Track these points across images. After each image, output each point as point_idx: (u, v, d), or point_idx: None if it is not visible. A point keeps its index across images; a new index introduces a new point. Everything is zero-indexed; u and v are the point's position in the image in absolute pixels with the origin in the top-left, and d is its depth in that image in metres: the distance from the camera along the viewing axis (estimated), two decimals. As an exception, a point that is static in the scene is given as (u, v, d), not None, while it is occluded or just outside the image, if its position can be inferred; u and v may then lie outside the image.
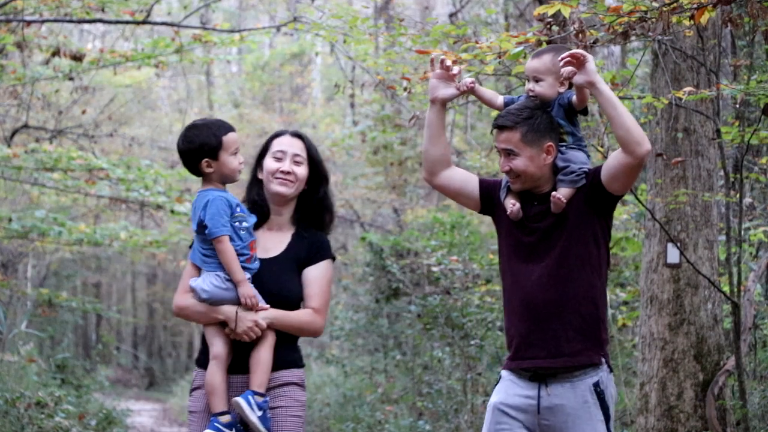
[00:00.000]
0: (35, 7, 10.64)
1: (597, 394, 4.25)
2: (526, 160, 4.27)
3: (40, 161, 12.72)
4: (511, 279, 4.37)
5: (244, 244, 4.34)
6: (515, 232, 4.37)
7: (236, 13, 25.78)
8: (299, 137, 4.58)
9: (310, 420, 13.22)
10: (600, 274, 4.32)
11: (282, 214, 4.55)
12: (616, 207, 4.40)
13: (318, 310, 4.46)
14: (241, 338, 4.31)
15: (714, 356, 7.49)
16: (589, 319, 4.27)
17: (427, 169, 4.49)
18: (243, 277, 4.31)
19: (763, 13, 5.31)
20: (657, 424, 7.48)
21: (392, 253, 14.61)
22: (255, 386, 4.30)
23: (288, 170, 4.46)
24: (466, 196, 4.48)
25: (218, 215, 4.29)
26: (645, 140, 4.11)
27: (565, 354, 4.24)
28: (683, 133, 7.52)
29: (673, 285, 7.53)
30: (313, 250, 4.52)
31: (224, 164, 4.37)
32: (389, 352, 13.75)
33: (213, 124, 4.41)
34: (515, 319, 4.36)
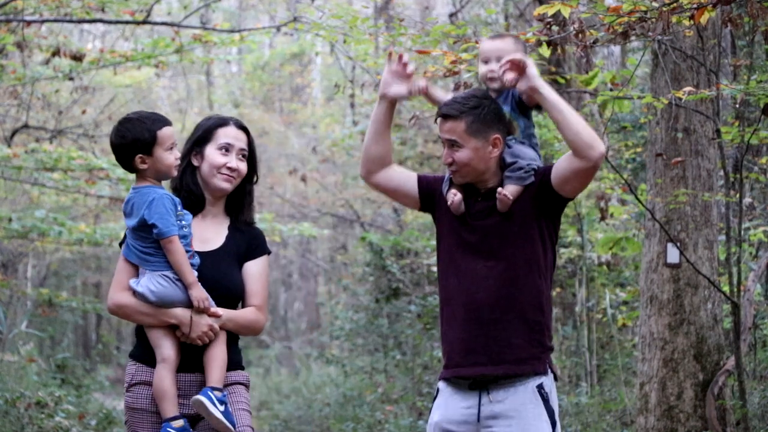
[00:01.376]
0: (35, 7, 10.64)
1: (541, 395, 4.04)
2: (470, 152, 4.04)
3: (40, 161, 12.72)
4: (454, 279, 4.12)
5: (186, 241, 4.15)
6: (458, 230, 4.14)
7: (236, 13, 25.77)
8: (244, 130, 4.39)
9: (310, 420, 13.23)
10: (546, 279, 4.11)
11: (216, 205, 4.36)
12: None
13: (260, 307, 4.30)
14: (195, 342, 4.13)
15: (714, 356, 7.50)
16: (534, 325, 4.05)
17: (365, 167, 4.29)
18: (194, 279, 4.12)
19: (763, 13, 5.31)
20: (657, 424, 7.48)
21: (392, 253, 14.61)
22: (213, 382, 4.12)
23: (235, 167, 4.28)
24: (404, 194, 4.29)
25: (167, 214, 4.09)
26: (597, 143, 3.91)
27: (508, 361, 4.02)
28: (683, 133, 7.52)
29: (673, 285, 7.53)
30: (252, 245, 4.34)
31: (159, 160, 4.15)
32: (389, 352, 13.75)
33: (147, 117, 4.19)
34: (456, 324, 4.10)
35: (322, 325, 21.48)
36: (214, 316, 4.13)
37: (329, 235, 20.79)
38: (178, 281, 4.11)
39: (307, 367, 18.46)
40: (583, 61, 7.82)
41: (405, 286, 14.37)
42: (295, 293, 27.16)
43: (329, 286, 23.03)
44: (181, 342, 4.15)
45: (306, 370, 18.38)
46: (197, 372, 4.17)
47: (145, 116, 4.19)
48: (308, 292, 26.58)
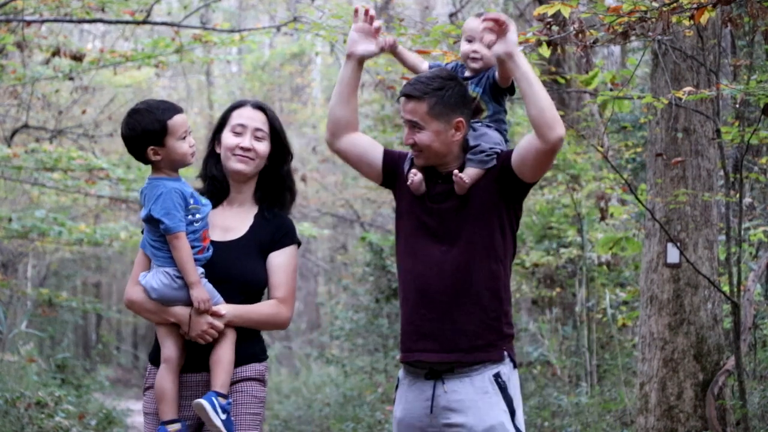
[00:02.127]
0: (35, 7, 10.64)
1: (498, 384, 3.91)
2: (431, 135, 3.91)
3: (40, 161, 12.72)
4: (409, 262, 3.99)
5: (196, 236, 4.00)
6: (416, 211, 4.01)
7: (236, 13, 25.77)
8: (261, 109, 4.20)
9: (310, 420, 13.23)
10: (504, 266, 3.97)
11: (242, 192, 4.19)
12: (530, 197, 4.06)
13: (284, 300, 4.11)
14: (197, 341, 3.99)
15: (714, 356, 7.50)
16: (490, 312, 3.91)
17: (330, 130, 4.11)
18: (197, 278, 3.96)
19: (763, 13, 5.31)
20: (657, 423, 7.48)
21: (392, 252, 14.60)
22: (218, 387, 3.95)
23: (248, 146, 4.11)
24: (367, 164, 4.12)
25: (174, 209, 3.94)
26: (558, 124, 3.77)
27: (461, 349, 3.90)
28: (683, 133, 7.52)
29: (673, 285, 7.53)
30: (278, 234, 4.15)
31: (172, 150, 3.99)
32: (389, 351, 13.75)
33: (157, 107, 4.00)
34: (408, 307, 3.98)
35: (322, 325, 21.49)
36: (216, 315, 3.97)
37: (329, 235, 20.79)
38: (179, 278, 3.98)
39: (307, 367, 18.46)
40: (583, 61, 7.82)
41: (405, 286, 14.34)
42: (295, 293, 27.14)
43: (329, 286, 23.04)
44: (187, 341, 4.02)
45: (306, 370, 18.38)
46: (204, 371, 4.03)
47: (154, 106, 4.01)
48: (308, 292, 26.58)
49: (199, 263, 4.02)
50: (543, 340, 11.27)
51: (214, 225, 4.10)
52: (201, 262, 4.03)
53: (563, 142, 3.82)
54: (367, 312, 14.63)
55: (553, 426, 9.14)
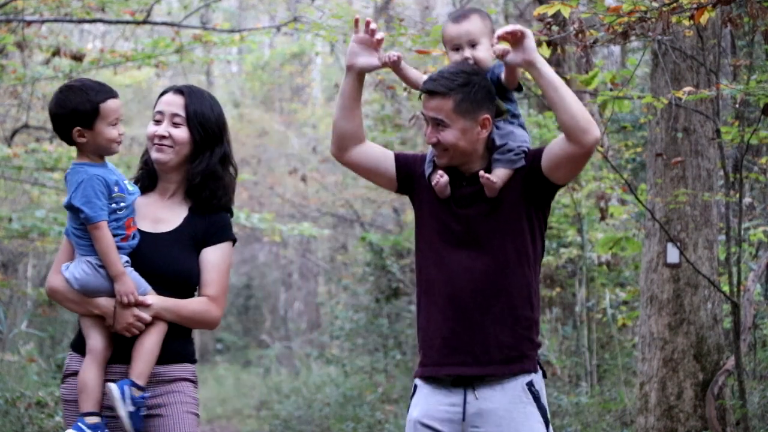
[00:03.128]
0: (35, 7, 10.64)
1: (532, 393, 3.73)
2: (457, 133, 3.70)
3: (40, 161, 12.73)
4: (434, 270, 3.77)
5: (119, 224, 3.78)
6: (440, 216, 3.79)
7: (236, 13, 25.77)
8: (181, 93, 3.90)
9: (310, 420, 13.22)
10: (535, 271, 3.79)
11: (170, 181, 3.96)
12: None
13: (214, 299, 3.87)
14: (122, 333, 3.77)
15: (714, 356, 7.50)
16: (524, 321, 3.73)
17: (336, 144, 3.92)
18: (121, 270, 3.74)
19: (763, 13, 5.32)
20: (657, 423, 7.48)
21: (392, 252, 14.62)
22: (134, 375, 3.73)
23: (163, 134, 3.85)
24: (380, 174, 3.92)
25: (95, 197, 3.72)
26: (593, 128, 3.59)
27: (496, 361, 3.70)
28: (683, 133, 7.53)
29: (673, 285, 7.53)
30: (212, 229, 3.92)
31: (100, 135, 3.76)
32: (389, 351, 13.76)
33: (91, 87, 3.77)
34: (437, 317, 3.75)
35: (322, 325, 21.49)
36: (142, 305, 3.76)
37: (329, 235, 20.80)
38: (102, 268, 3.77)
39: (307, 367, 18.46)
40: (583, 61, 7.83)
41: (405, 286, 14.37)
42: (295, 293, 27.17)
43: (329, 286, 23.03)
44: (116, 334, 3.81)
45: (306, 370, 18.38)
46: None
47: (89, 86, 3.79)
48: (308, 292, 26.58)
49: (124, 251, 3.81)
50: (543, 340, 11.27)
51: (144, 215, 3.90)
52: (126, 251, 3.82)
53: (598, 143, 3.66)
54: (367, 312, 14.64)
55: (553, 426, 9.14)
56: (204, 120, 3.89)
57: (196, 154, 3.91)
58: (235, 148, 4.29)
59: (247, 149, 22.14)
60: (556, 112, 3.60)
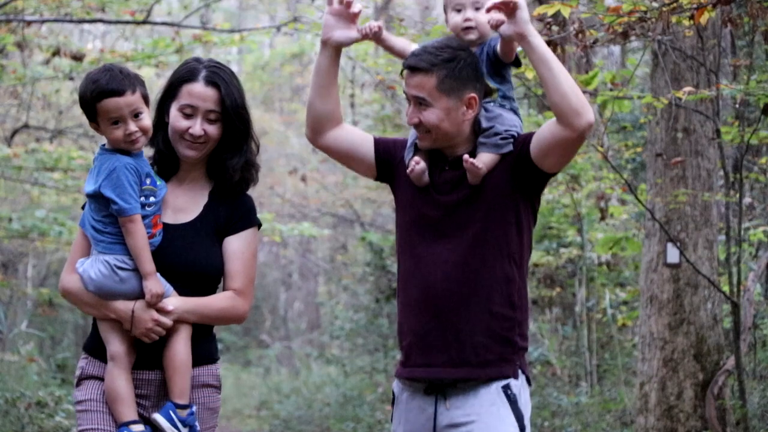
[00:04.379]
0: (35, 7, 10.64)
1: (507, 396, 3.43)
2: (440, 113, 3.41)
3: (40, 161, 12.73)
4: (410, 262, 3.49)
5: (146, 221, 3.51)
6: (418, 203, 3.51)
7: (236, 13, 25.78)
8: (215, 85, 3.56)
9: (310, 420, 13.22)
10: (520, 267, 3.48)
11: (195, 169, 3.66)
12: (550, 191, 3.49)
13: (241, 292, 3.58)
14: (141, 339, 3.50)
15: (714, 356, 7.50)
16: (502, 320, 3.42)
17: (311, 127, 3.61)
18: (152, 269, 3.46)
19: (763, 13, 5.32)
20: (657, 423, 7.48)
21: (392, 252, 14.61)
22: (176, 396, 3.46)
23: (198, 133, 3.54)
24: (358, 159, 3.63)
25: (130, 188, 3.44)
26: (586, 110, 3.29)
27: (470, 363, 3.41)
28: (683, 133, 7.53)
29: (673, 285, 7.54)
30: (235, 216, 3.62)
31: (104, 132, 3.49)
32: (389, 351, 13.75)
33: (96, 81, 3.47)
34: (410, 314, 3.49)
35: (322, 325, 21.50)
36: (162, 311, 3.48)
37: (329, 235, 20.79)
38: (121, 270, 3.47)
39: (307, 367, 18.46)
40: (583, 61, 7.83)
41: (405, 286, 14.36)
42: (295, 293, 27.17)
43: (329, 286, 23.03)
44: (139, 339, 3.53)
45: (306, 370, 18.38)
46: (157, 369, 3.53)
47: (95, 79, 3.47)
48: (308, 292, 26.58)
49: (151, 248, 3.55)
50: (543, 340, 11.27)
51: (164, 205, 3.60)
52: (152, 247, 3.55)
53: (592, 128, 3.35)
54: (367, 312, 14.64)
55: (553, 426, 9.14)
56: (238, 111, 3.59)
57: (230, 146, 3.61)
58: None
59: (247, 149, 22.09)
60: (546, 92, 3.32)
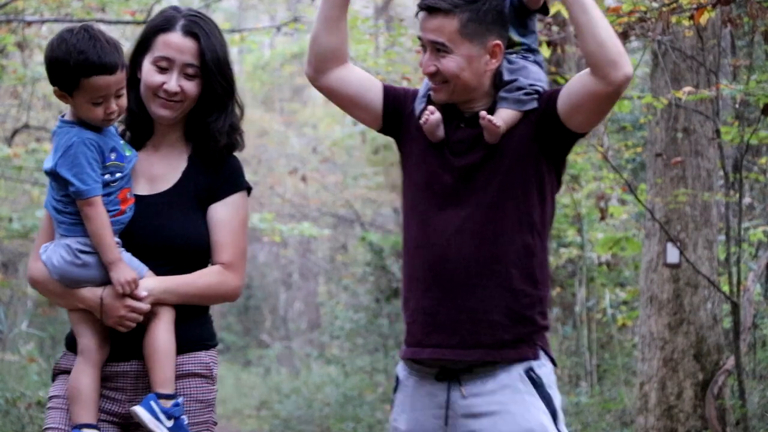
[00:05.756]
0: (36, 8, 10.65)
1: (531, 379, 3.06)
2: (461, 61, 3.03)
3: (41, 161, 12.73)
4: (419, 230, 3.11)
5: (110, 198, 3.09)
6: (429, 164, 3.12)
7: (236, 13, 25.79)
8: (194, 36, 3.15)
9: (310, 420, 13.23)
10: (542, 238, 3.11)
11: (171, 131, 3.23)
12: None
13: (230, 265, 3.15)
14: (115, 328, 3.09)
15: (713, 356, 7.51)
16: (522, 296, 3.05)
17: (313, 64, 3.18)
18: (116, 256, 3.04)
19: (763, 14, 5.32)
20: (656, 423, 7.49)
21: (392, 252, 14.62)
22: (158, 386, 3.04)
23: (174, 89, 3.13)
24: (363, 105, 3.21)
25: (87, 167, 3.03)
26: (624, 60, 2.93)
27: (485, 344, 3.03)
28: (683, 133, 7.54)
29: (673, 285, 7.54)
30: (220, 180, 3.20)
31: (80, 107, 3.05)
32: (389, 351, 13.76)
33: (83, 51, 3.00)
34: (418, 289, 3.10)
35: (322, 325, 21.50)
36: (136, 298, 3.05)
37: (329, 235, 20.80)
38: (84, 254, 3.08)
39: (307, 367, 18.46)
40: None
41: (405, 286, 14.36)
42: (295, 293, 27.18)
43: (329, 286, 23.04)
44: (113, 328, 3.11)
45: (306, 370, 18.38)
46: (133, 360, 3.13)
47: (82, 49, 3.01)
48: (308, 292, 26.59)
49: (115, 229, 3.11)
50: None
51: (137, 174, 3.18)
52: (118, 228, 3.13)
53: (629, 82, 2.99)
54: (367, 312, 14.64)
55: (553, 426, 9.14)
56: (221, 67, 3.20)
57: (211, 107, 3.21)
58: None
59: (248, 149, 22.07)
60: (581, 39, 2.97)
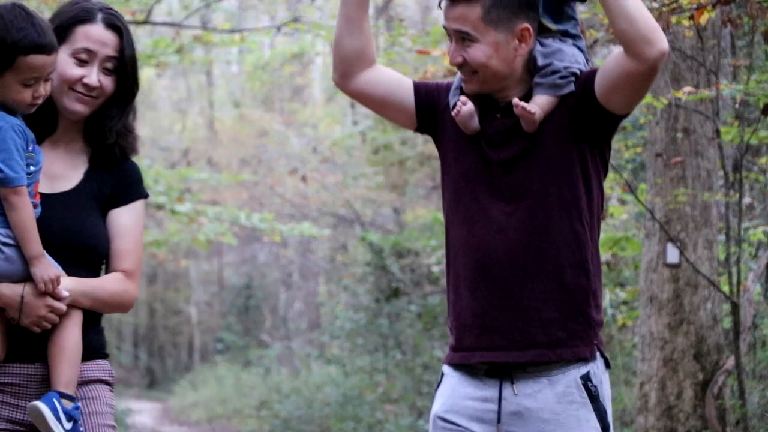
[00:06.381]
0: (36, 8, 10.65)
1: (587, 390, 2.90)
2: (487, 49, 2.90)
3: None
4: (461, 228, 2.98)
5: (29, 191, 2.93)
6: (468, 160, 2.98)
7: (236, 14, 25.79)
8: (115, 29, 3.01)
9: (310, 420, 13.23)
10: (592, 228, 2.96)
11: (75, 130, 3.08)
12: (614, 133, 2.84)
13: (131, 273, 3.06)
14: (31, 328, 2.91)
15: (713, 356, 7.51)
16: (576, 291, 2.93)
17: (339, 69, 3.06)
18: (40, 251, 2.88)
19: (763, 14, 5.33)
20: (656, 423, 7.49)
21: (392, 252, 14.63)
22: (61, 385, 2.88)
23: (95, 84, 2.98)
24: (396, 105, 3.08)
25: (17, 153, 2.85)
26: (658, 36, 2.78)
27: (539, 344, 2.89)
28: (683, 133, 7.54)
29: (673, 285, 7.55)
30: (122, 186, 3.09)
31: (7, 89, 2.86)
32: (389, 351, 13.76)
33: (20, 27, 2.82)
34: (464, 290, 2.97)
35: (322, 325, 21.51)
36: (58, 297, 2.91)
37: (329, 235, 20.80)
38: (4, 246, 2.89)
39: (307, 367, 18.47)
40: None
41: (405, 286, 14.38)
42: (295, 293, 27.18)
43: (329, 286, 23.04)
44: (14, 326, 2.94)
45: (306, 370, 18.38)
46: (39, 362, 2.96)
47: (20, 26, 2.82)
48: (308, 292, 26.59)
49: None
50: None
51: None
52: None
53: (666, 58, 2.86)
54: (367, 312, 14.64)
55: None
56: (134, 65, 3.07)
57: (113, 105, 3.06)
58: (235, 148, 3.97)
59: (247, 149, 22.15)
60: (612, 18, 2.83)
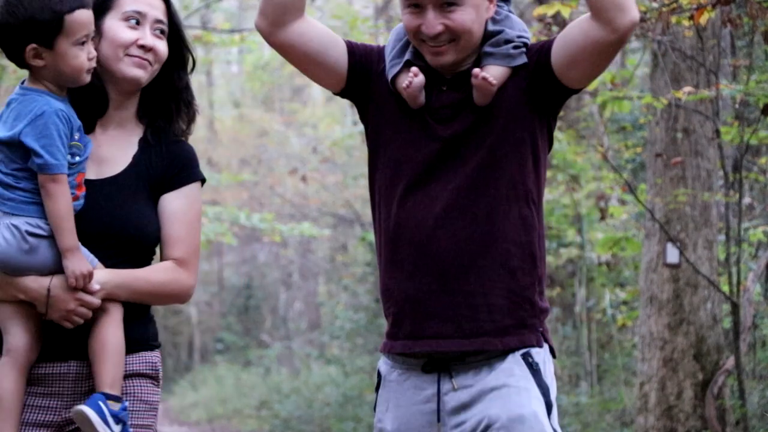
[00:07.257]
0: None
1: (528, 364, 2.68)
2: (472, 12, 2.63)
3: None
4: (399, 209, 2.71)
5: (71, 181, 2.76)
6: (409, 134, 2.73)
7: (236, 13, 25.80)
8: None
9: (310, 420, 13.23)
10: (539, 209, 2.74)
11: (125, 108, 2.90)
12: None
13: (184, 262, 2.85)
14: (61, 323, 2.75)
15: (713, 356, 7.52)
16: (522, 276, 2.69)
17: (270, 15, 2.73)
18: (75, 243, 2.69)
19: (763, 14, 5.33)
20: (656, 423, 7.49)
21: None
22: (107, 386, 2.70)
23: (150, 45, 2.82)
24: (327, 65, 2.79)
25: (59, 140, 2.69)
26: (630, 4, 2.67)
27: (486, 331, 2.66)
28: (683, 134, 7.54)
29: (673, 285, 7.55)
30: (174, 168, 2.89)
31: (62, 57, 2.70)
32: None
33: None
34: (401, 274, 2.71)
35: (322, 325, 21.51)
36: (89, 291, 2.72)
37: (329, 235, 20.81)
38: (33, 237, 2.71)
39: (307, 367, 18.47)
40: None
41: (405, 286, 14.38)
42: (295, 293, 27.19)
43: (329, 286, 23.06)
44: (46, 322, 2.77)
45: (306, 370, 18.39)
46: (72, 360, 2.79)
47: None
48: (308, 292, 26.60)
49: None
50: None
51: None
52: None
53: (635, 28, 2.74)
54: (367, 312, 14.64)
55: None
56: (183, 33, 2.96)
57: (162, 74, 2.92)
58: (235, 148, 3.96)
59: (247, 149, 22.16)
60: None
